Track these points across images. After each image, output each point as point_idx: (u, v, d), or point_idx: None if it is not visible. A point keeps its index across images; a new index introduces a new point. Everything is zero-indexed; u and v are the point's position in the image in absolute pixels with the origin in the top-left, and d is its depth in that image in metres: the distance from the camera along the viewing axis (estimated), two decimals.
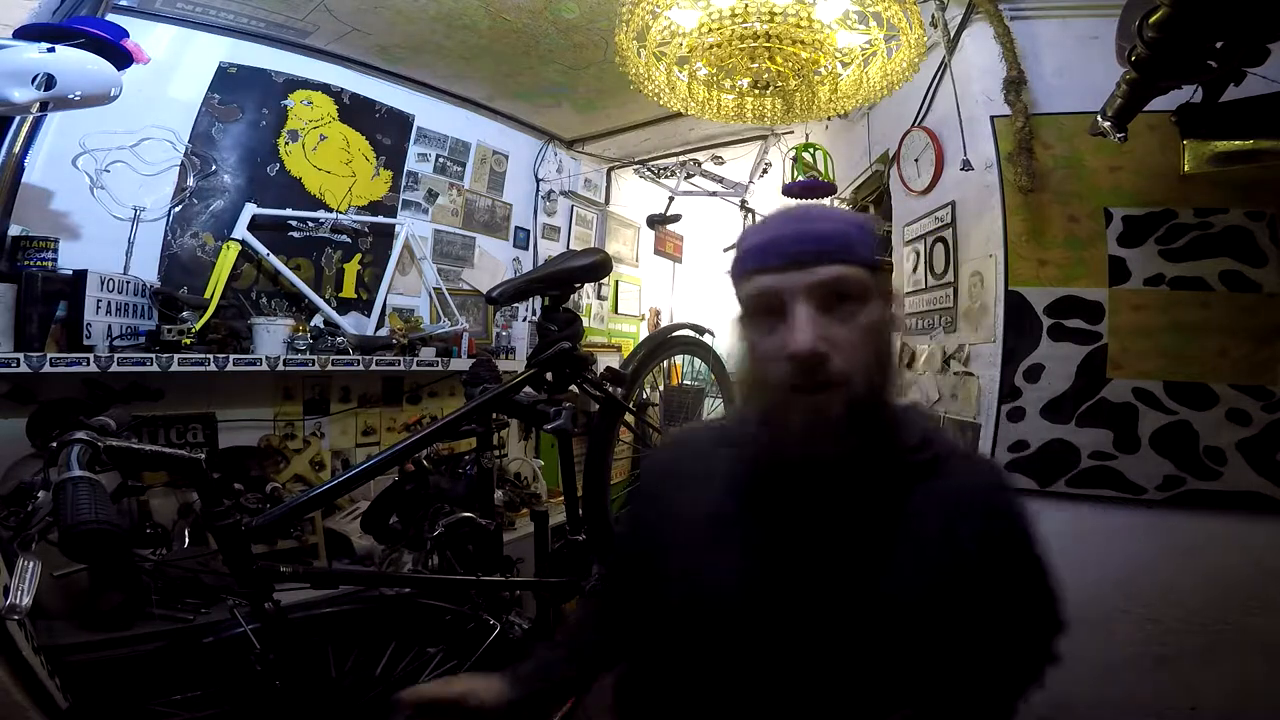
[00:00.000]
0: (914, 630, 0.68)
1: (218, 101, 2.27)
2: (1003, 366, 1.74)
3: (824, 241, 0.69)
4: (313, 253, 2.55)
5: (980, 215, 1.86)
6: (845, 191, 2.81)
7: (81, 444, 0.96)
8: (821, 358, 0.65)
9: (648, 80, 1.67)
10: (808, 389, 0.67)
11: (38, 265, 1.77)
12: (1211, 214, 1.65)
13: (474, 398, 1.64)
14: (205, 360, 1.98)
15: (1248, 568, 1.61)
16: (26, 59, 1.42)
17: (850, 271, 0.69)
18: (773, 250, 0.70)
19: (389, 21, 2.29)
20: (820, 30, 1.47)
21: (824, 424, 0.67)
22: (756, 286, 0.70)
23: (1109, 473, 1.67)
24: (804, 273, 0.68)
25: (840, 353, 0.66)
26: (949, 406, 1.93)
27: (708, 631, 0.72)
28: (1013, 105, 1.76)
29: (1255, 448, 1.60)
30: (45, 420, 1.73)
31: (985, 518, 0.74)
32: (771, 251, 0.70)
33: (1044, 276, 1.74)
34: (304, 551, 2.13)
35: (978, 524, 0.73)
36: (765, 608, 0.70)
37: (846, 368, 0.67)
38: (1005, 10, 1.80)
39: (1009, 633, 0.77)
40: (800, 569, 0.70)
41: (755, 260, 0.71)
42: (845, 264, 0.69)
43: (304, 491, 1.63)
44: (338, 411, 2.62)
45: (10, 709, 1.09)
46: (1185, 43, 1.15)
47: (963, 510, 0.73)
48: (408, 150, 2.84)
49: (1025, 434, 1.72)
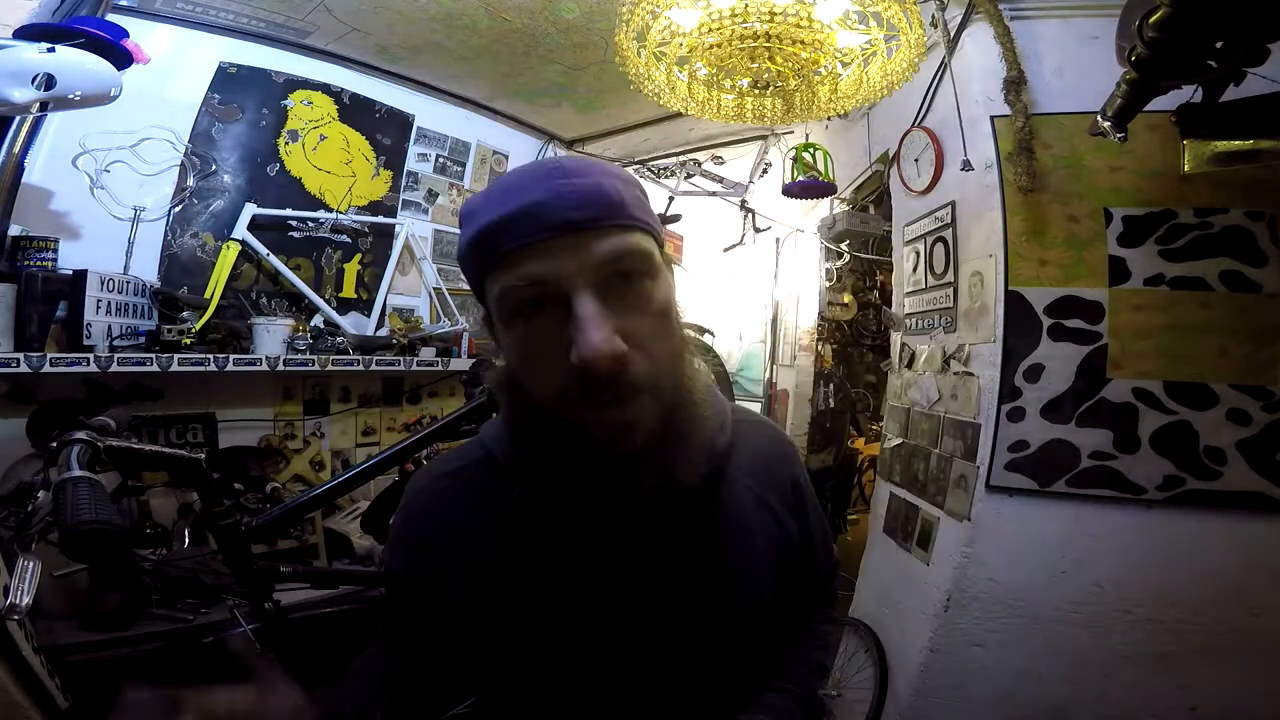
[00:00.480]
0: (761, 622, 0.66)
1: (218, 101, 2.27)
2: (1003, 366, 1.74)
3: (600, 203, 0.53)
4: (313, 253, 2.55)
5: (980, 215, 1.86)
6: (845, 191, 2.81)
7: (81, 444, 0.96)
8: (620, 361, 0.50)
9: (648, 80, 1.67)
10: (606, 404, 0.52)
11: (38, 265, 1.77)
12: (1211, 214, 1.65)
13: (474, 398, 1.64)
14: (205, 360, 1.98)
15: (1248, 568, 1.61)
16: (26, 59, 1.42)
17: (636, 240, 0.54)
18: (533, 220, 0.51)
19: (389, 21, 2.29)
20: (820, 30, 1.47)
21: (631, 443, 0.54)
22: (518, 276, 0.52)
23: (1109, 473, 1.67)
24: (579, 249, 0.51)
25: (641, 350, 0.53)
26: (949, 406, 1.93)
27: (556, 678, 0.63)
28: (1013, 105, 1.76)
29: (1255, 448, 1.60)
30: (45, 420, 1.73)
31: (786, 481, 0.72)
32: (532, 222, 0.51)
33: (1044, 276, 1.74)
34: (304, 551, 2.13)
35: (782, 491, 0.71)
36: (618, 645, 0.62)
37: (651, 368, 0.53)
38: (1005, 10, 1.80)
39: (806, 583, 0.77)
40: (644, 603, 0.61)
41: (512, 237, 0.52)
42: (629, 231, 0.54)
43: (304, 491, 1.64)
44: (338, 411, 2.62)
45: (10, 709, 1.08)
46: (1185, 43, 1.15)
47: (765, 478, 0.70)
48: (408, 150, 2.84)
49: (1025, 434, 1.72)
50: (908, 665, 1.91)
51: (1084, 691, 1.70)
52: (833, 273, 3.23)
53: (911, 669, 1.89)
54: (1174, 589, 1.64)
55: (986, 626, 1.77)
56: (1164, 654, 1.65)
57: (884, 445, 2.36)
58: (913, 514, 2.05)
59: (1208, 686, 1.63)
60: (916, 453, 2.09)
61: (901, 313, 2.29)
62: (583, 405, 0.53)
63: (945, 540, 1.86)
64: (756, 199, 3.57)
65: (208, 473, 1.20)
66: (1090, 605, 1.69)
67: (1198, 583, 1.63)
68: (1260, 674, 1.60)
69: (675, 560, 0.62)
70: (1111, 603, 1.68)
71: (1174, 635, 1.64)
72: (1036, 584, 1.72)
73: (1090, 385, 1.69)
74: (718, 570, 0.64)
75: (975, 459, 1.77)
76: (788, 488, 0.72)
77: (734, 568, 0.65)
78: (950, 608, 1.79)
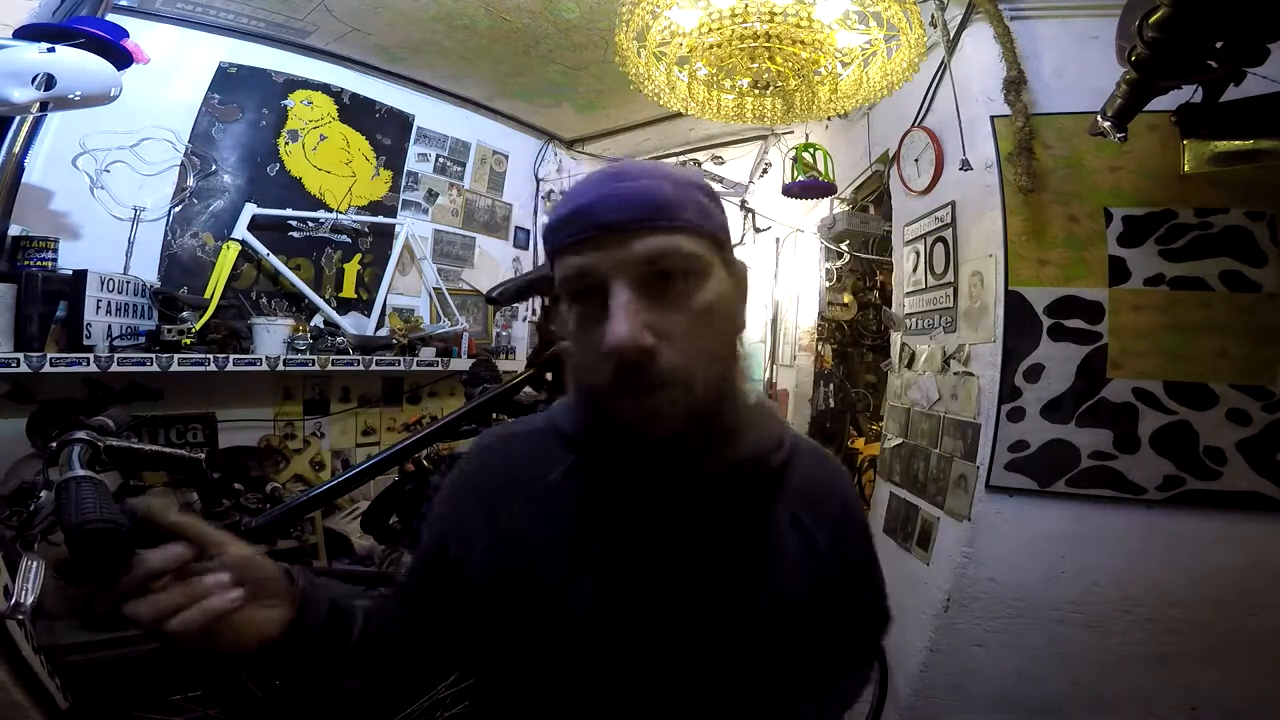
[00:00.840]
0: (787, 653, 0.64)
1: (218, 101, 2.27)
2: (1003, 366, 1.74)
3: (642, 205, 0.56)
4: (313, 253, 2.55)
5: (980, 215, 1.86)
6: (845, 191, 2.81)
7: (82, 444, 0.96)
8: (646, 353, 0.54)
9: (648, 80, 1.67)
10: (635, 391, 0.56)
11: (38, 265, 1.77)
12: (1211, 214, 1.65)
13: (474, 398, 1.64)
14: (205, 360, 1.98)
15: (1248, 568, 1.61)
16: (26, 59, 1.42)
17: (678, 242, 0.56)
18: (580, 220, 0.57)
19: (389, 21, 2.29)
20: (820, 30, 1.47)
21: (658, 431, 0.57)
22: (567, 266, 0.58)
23: (1109, 473, 1.67)
24: (619, 247, 0.56)
25: (672, 345, 0.55)
26: (949, 406, 1.93)
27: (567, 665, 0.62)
28: (1013, 105, 1.76)
29: (1255, 448, 1.60)
30: (45, 420, 1.73)
31: (836, 519, 0.69)
32: (578, 222, 0.57)
33: (1044, 276, 1.74)
34: (304, 551, 2.13)
35: (830, 527, 0.68)
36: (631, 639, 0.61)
37: (681, 363, 0.56)
38: (1005, 10, 1.80)
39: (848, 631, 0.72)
40: (665, 598, 0.61)
41: (562, 234, 0.58)
42: (671, 232, 0.56)
43: (304, 491, 1.64)
44: (338, 411, 2.62)
45: (10, 709, 1.08)
46: (1185, 43, 1.15)
47: (817, 514, 0.68)
48: (408, 150, 2.85)
49: (1025, 434, 1.72)
50: (908, 665, 1.91)
51: (1084, 691, 1.70)
52: (833, 273, 3.23)
53: (911, 669, 1.89)
54: (1174, 589, 1.65)
55: (986, 626, 1.77)
56: (1164, 654, 1.65)
57: (884, 445, 2.36)
58: (913, 514, 2.05)
59: (1208, 686, 1.63)
60: (916, 453, 2.09)
61: (901, 313, 2.30)
62: (614, 390, 0.56)
63: (945, 540, 1.86)
64: (756, 199, 3.57)
65: (207, 473, 1.20)
66: (1090, 605, 1.69)
67: (1198, 583, 1.63)
68: (1260, 674, 1.60)
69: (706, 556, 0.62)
70: (1111, 603, 1.68)
71: (1174, 635, 1.64)
72: (1036, 584, 1.72)
73: (1090, 385, 1.69)
74: (745, 590, 0.63)
75: (975, 459, 1.77)
76: (836, 526, 0.69)
77: (761, 580, 0.64)
78: (950, 608, 1.79)
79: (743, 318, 0.64)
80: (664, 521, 0.61)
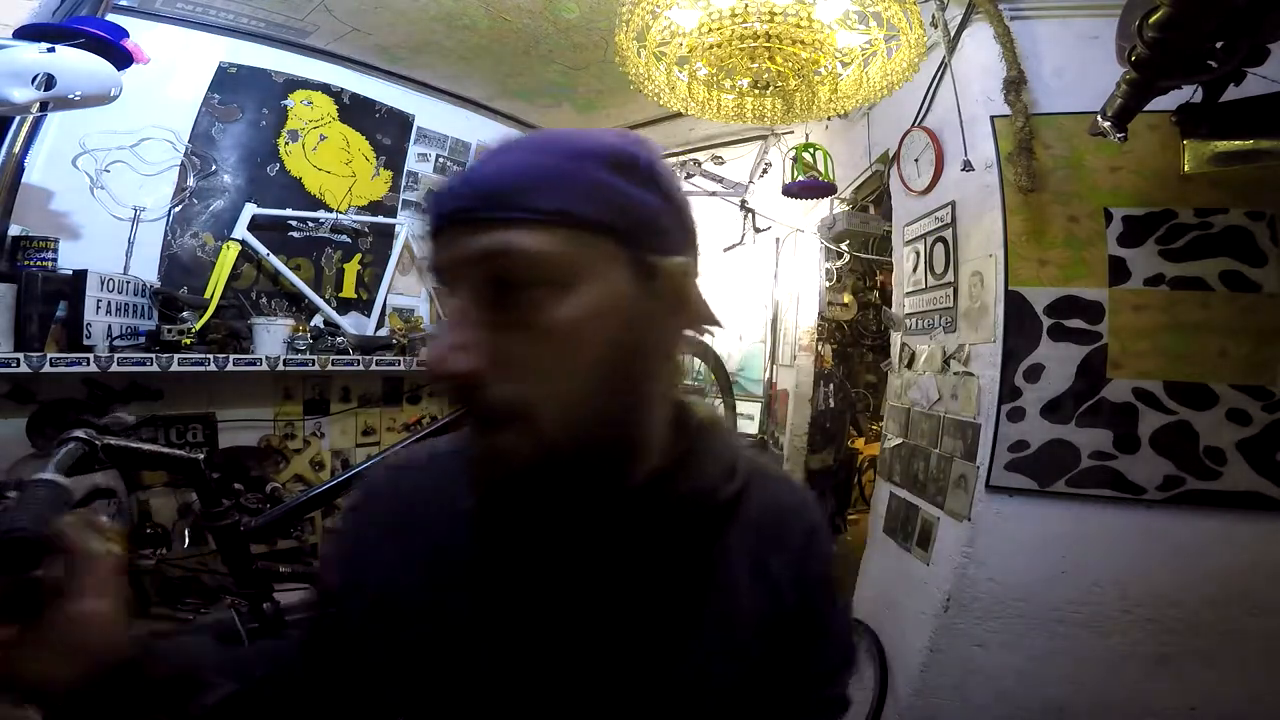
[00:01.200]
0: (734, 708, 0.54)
1: (218, 101, 2.27)
2: (1003, 366, 1.74)
3: (478, 191, 0.44)
4: (313, 253, 2.55)
5: (980, 215, 1.86)
6: (845, 191, 2.81)
7: (75, 443, 0.96)
8: (471, 379, 0.43)
9: (648, 80, 1.67)
10: (476, 423, 0.46)
11: (38, 265, 1.77)
12: (1211, 214, 1.65)
13: None
14: (205, 360, 1.98)
15: (1248, 568, 1.61)
16: (26, 59, 1.42)
17: (512, 239, 0.43)
18: (433, 206, 0.47)
19: (389, 21, 2.29)
20: (820, 30, 1.47)
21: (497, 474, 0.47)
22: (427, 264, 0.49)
23: (1109, 473, 1.67)
24: (457, 244, 0.45)
25: (512, 371, 0.44)
26: (949, 406, 1.93)
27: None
28: (1013, 105, 1.76)
29: (1255, 448, 1.60)
30: (45, 420, 1.73)
31: (796, 546, 0.59)
32: (431, 208, 0.47)
33: (1044, 276, 1.74)
34: (304, 551, 2.14)
35: (788, 554, 0.58)
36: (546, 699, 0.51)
37: (524, 395, 0.44)
38: (1005, 10, 1.80)
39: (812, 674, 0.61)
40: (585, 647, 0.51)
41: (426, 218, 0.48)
42: (508, 226, 0.43)
43: (304, 491, 1.64)
44: (338, 411, 2.62)
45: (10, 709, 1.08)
46: (1185, 43, 1.15)
47: (772, 539, 0.58)
48: (408, 150, 2.84)
49: (1025, 434, 1.72)
50: (908, 665, 1.91)
51: (1084, 692, 1.70)
52: (833, 273, 3.23)
53: (911, 669, 1.89)
54: (1174, 589, 1.64)
55: (986, 626, 1.77)
56: (1164, 654, 1.65)
57: (884, 445, 2.36)
58: (913, 514, 2.05)
59: (1208, 687, 1.63)
60: (916, 453, 2.09)
61: (901, 313, 2.30)
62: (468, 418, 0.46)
63: (945, 540, 1.86)
64: (756, 199, 3.57)
65: (207, 473, 1.20)
66: (1090, 605, 1.69)
67: (1198, 583, 1.63)
68: (1260, 674, 1.60)
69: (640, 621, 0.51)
70: (1111, 603, 1.68)
71: (1174, 635, 1.64)
72: (1036, 584, 1.72)
73: (1090, 385, 1.69)
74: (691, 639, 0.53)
75: (975, 459, 1.77)
76: (796, 554, 0.59)
77: (713, 641, 0.53)
78: (950, 608, 1.79)
79: (668, 334, 0.51)
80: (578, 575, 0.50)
